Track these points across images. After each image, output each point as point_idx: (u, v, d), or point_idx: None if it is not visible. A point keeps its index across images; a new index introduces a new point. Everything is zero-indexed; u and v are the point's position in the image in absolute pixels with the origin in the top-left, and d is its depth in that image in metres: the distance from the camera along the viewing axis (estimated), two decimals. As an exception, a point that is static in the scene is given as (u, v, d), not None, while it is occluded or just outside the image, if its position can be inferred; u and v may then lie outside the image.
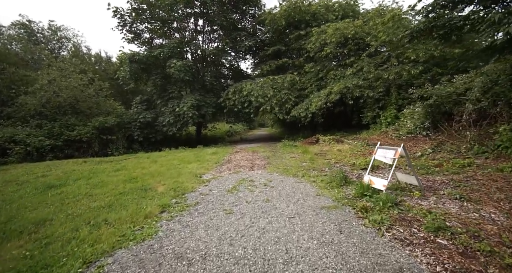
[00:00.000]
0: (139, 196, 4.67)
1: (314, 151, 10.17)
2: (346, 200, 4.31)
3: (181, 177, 6.16)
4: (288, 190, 4.92)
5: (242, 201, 4.31)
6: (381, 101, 12.19)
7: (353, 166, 7.05)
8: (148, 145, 16.12)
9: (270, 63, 16.79)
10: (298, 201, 4.25)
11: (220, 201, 4.33)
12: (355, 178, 5.85)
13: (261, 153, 10.13)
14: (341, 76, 13.65)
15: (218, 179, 6.00)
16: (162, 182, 5.68)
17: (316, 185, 5.35)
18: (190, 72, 15.32)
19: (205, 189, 5.15)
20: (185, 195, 4.69)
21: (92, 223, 3.41)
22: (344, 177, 5.47)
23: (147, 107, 17.08)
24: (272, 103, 14.45)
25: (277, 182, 5.55)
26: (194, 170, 6.89)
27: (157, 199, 4.40)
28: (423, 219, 3.30)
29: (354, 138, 12.09)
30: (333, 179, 5.51)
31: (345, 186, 5.19)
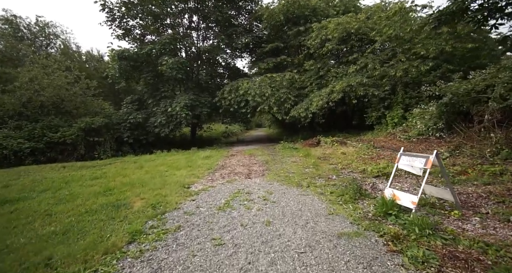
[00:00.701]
0: (108, 216, 3.71)
1: (317, 154, 9.27)
2: (367, 221, 3.41)
3: (165, 188, 5.21)
4: (293, 207, 4.00)
5: (236, 224, 3.38)
6: (387, 100, 11.34)
7: (363, 173, 6.16)
8: (139, 147, 15.10)
9: (268, 60, 15.87)
10: (308, 224, 3.33)
11: (209, 224, 3.40)
12: (369, 188, 4.95)
13: (259, 157, 9.20)
14: (343, 74, 12.79)
15: (209, 190, 5.06)
16: (141, 195, 4.73)
17: (326, 198, 4.44)
18: (183, 70, 14.35)
19: (191, 205, 4.20)
20: (165, 215, 3.74)
21: (27, 264, 2.45)
22: (358, 188, 4.57)
23: (139, 107, 16.05)
24: (270, 102, 13.54)
25: (278, 195, 4.63)
26: (182, 179, 5.94)
27: (129, 222, 3.45)
28: (483, 257, 2.40)
29: (358, 140, 11.23)
30: (345, 190, 4.61)
31: (361, 200, 4.30)
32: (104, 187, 5.41)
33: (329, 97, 12.12)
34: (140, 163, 8.96)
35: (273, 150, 11.44)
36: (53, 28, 20.48)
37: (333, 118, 17.18)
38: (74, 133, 12.80)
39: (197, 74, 17.26)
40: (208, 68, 18.86)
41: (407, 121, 10.11)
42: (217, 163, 8.22)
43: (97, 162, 10.20)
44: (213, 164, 7.92)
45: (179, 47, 16.42)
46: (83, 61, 23.22)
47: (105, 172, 7.54)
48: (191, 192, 4.90)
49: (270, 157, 9.20)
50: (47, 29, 19.83)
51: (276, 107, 13.54)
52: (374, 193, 4.64)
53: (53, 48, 20.50)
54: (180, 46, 16.57)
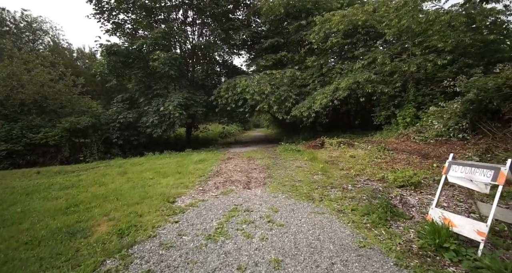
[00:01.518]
0: (52, 251, 2.65)
1: (323, 157, 8.25)
2: (417, 260, 2.38)
3: (144, 203, 4.15)
4: (308, 234, 2.96)
5: (231, 265, 2.34)
6: (397, 99, 10.36)
7: (383, 182, 5.16)
8: (129, 148, 13.98)
9: (267, 57, 14.85)
10: (334, 266, 2.30)
11: (192, 266, 2.35)
12: (399, 203, 3.94)
13: (258, 161, 8.16)
14: (348, 70, 11.80)
15: (199, 206, 4.01)
16: (111, 214, 3.67)
17: (347, 218, 3.42)
18: (176, 66, 13.27)
19: (172, 230, 3.15)
20: (133, 249, 2.68)
21: None
22: (387, 205, 3.55)
23: (130, 106, 14.92)
24: (270, 101, 12.50)
25: (286, 214, 3.60)
26: (167, 190, 4.88)
27: (76, 262, 2.39)
28: None
29: (366, 141, 10.23)
30: (370, 208, 3.59)
31: (393, 221, 3.28)
32: (69, 202, 4.34)
33: (334, 95, 11.13)
34: (125, 168, 7.88)
35: (273, 152, 10.40)
36: (42, 24, 19.29)
37: (335, 118, 16.22)
38: (57, 134, 11.67)
39: (192, 72, 16.20)
40: (204, 66, 17.79)
41: (421, 121, 9.13)
42: (212, 168, 7.15)
43: (78, 167, 9.08)
44: (207, 170, 6.86)
45: (172, 42, 15.32)
46: (73, 59, 22.02)
47: (81, 179, 6.45)
48: (175, 209, 3.84)
49: (271, 160, 8.17)
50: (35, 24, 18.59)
51: (276, 106, 12.51)
52: (407, 211, 3.62)
53: (41, 45, 19.28)
54: (174, 41, 15.48)
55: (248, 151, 11.66)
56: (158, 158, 10.61)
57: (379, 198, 3.90)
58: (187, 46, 16.49)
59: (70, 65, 20.77)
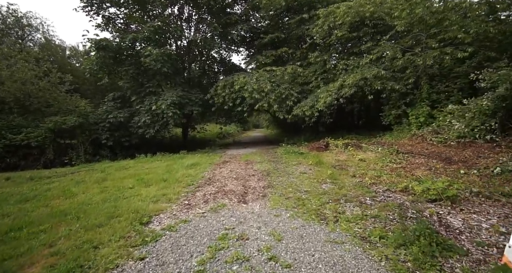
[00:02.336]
0: None
1: (329, 161, 7.30)
2: None
3: (109, 224, 3.19)
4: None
5: None
6: (409, 96, 9.42)
7: (407, 193, 4.22)
8: (120, 150, 13.01)
9: (267, 53, 13.89)
10: None
11: None
12: (439, 227, 2.98)
13: (257, 165, 7.20)
14: (354, 66, 10.84)
15: (178, 231, 3.05)
16: (58, 245, 2.71)
17: (377, 252, 2.47)
18: (169, 63, 12.30)
19: (132, 275, 2.19)
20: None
21: None
22: (432, 233, 2.59)
23: (122, 105, 13.96)
24: (270, 99, 11.54)
25: (294, 245, 2.64)
26: (144, 205, 3.92)
27: None
28: None
29: (375, 143, 9.29)
30: (406, 236, 2.64)
31: (443, 258, 2.33)
32: (15, 222, 3.38)
33: (339, 92, 10.19)
34: (107, 173, 6.91)
35: (274, 155, 9.44)
36: (32, 19, 18.30)
37: (338, 118, 15.27)
38: (40, 135, 10.70)
39: (188, 69, 15.23)
40: (201, 63, 16.81)
41: (437, 121, 8.19)
42: (204, 174, 6.19)
43: (56, 171, 8.11)
44: (198, 177, 5.89)
45: (167, 38, 14.36)
46: (66, 57, 21.05)
47: (51, 187, 5.48)
48: (146, 236, 2.88)
49: (271, 165, 7.20)
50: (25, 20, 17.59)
51: (276, 105, 11.55)
52: (457, 241, 2.67)
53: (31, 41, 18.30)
54: (169, 36, 14.51)
55: (246, 153, 10.70)
56: (148, 161, 9.65)
57: (413, 219, 2.95)
58: (183, 42, 15.54)
59: (62, 63, 19.83)
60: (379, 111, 12.62)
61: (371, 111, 15.07)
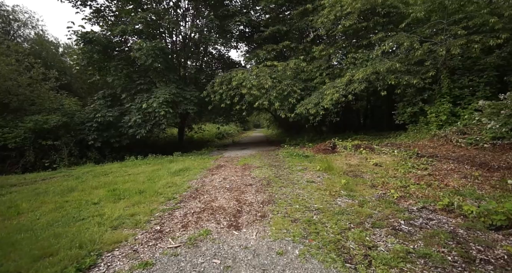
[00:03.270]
0: None
1: (340, 166, 6.22)
2: None
3: None
4: None
5: None
6: (426, 92, 8.32)
7: (453, 214, 3.12)
8: (110, 152, 11.97)
9: (267, 47, 12.80)
10: None
11: None
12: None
13: (256, 171, 6.12)
14: (363, 60, 9.75)
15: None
16: None
17: None
18: (162, 58, 11.23)
19: None
20: None
21: None
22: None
23: (112, 103, 12.91)
24: (270, 96, 10.46)
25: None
26: (100, 232, 2.86)
27: None
28: None
29: (389, 145, 8.19)
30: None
31: None
32: None
33: (347, 88, 9.10)
34: (81, 181, 5.86)
35: (275, 158, 8.37)
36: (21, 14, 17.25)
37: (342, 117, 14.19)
38: (19, 136, 9.67)
39: (183, 65, 14.15)
40: (198, 59, 15.74)
41: (462, 119, 7.09)
42: (191, 183, 5.11)
43: (24, 178, 7.04)
44: (183, 187, 4.81)
45: (160, 31, 13.29)
46: (59, 54, 20.04)
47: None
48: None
49: (272, 171, 6.12)
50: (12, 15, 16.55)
51: (278, 102, 10.46)
52: None
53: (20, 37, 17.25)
54: (163, 30, 13.45)
55: (244, 155, 9.63)
56: (136, 164, 8.59)
57: (485, 263, 1.87)
58: (178, 37, 14.50)
59: (54, 60, 18.81)
60: (390, 108, 11.53)
61: (378, 109, 13.99)
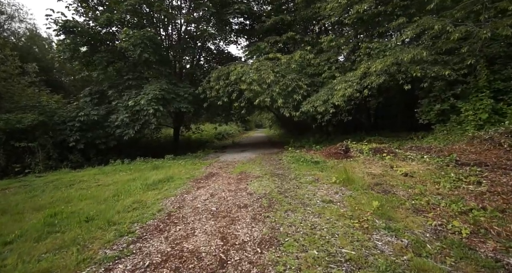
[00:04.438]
0: None
1: (360, 176, 4.85)
2: None
3: None
4: None
5: None
6: (459, 86, 6.89)
7: None
8: (96, 154, 10.67)
9: (270, 39, 11.43)
10: None
11: None
12: None
13: (254, 183, 4.76)
14: (380, 50, 8.33)
15: None
16: None
17: None
18: (152, 49, 9.92)
19: None
20: None
21: None
22: None
23: (99, 101, 11.62)
24: (273, 93, 9.09)
25: None
26: None
27: None
28: None
29: (413, 148, 6.77)
30: None
31: None
32: None
33: (363, 82, 7.71)
34: (30, 196, 4.55)
35: (278, 164, 7.00)
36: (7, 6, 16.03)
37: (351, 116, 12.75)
38: (-12, 136, 8.42)
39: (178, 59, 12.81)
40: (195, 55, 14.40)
41: (510, 118, 5.67)
42: (164, 204, 3.75)
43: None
44: (151, 211, 3.45)
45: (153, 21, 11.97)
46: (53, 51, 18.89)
47: None
48: None
49: (275, 183, 4.75)
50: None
51: (281, 99, 9.08)
52: None
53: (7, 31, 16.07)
54: (156, 22, 12.14)
55: (243, 160, 8.28)
56: (115, 171, 7.29)
57: None
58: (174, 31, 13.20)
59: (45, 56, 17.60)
60: (406, 106, 10.15)
61: (391, 107, 12.54)
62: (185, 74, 13.69)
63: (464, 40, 6.66)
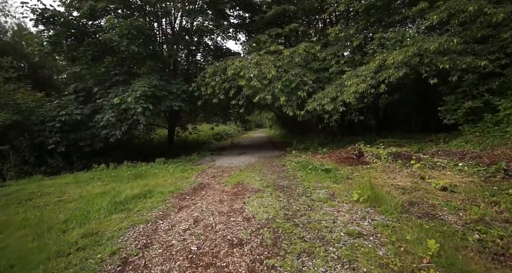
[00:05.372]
0: None
1: (386, 190, 3.75)
2: None
3: None
4: None
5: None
6: (495, 79, 5.79)
7: None
8: (80, 157, 9.60)
9: (271, 31, 10.31)
10: None
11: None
12: None
13: (254, 202, 3.68)
14: (397, 40, 7.21)
15: None
16: None
17: None
18: (141, 40, 8.82)
19: None
20: None
21: None
22: None
23: (85, 99, 10.52)
24: (275, 89, 7.99)
25: None
26: None
27: None
28: None
29: (440, 153, 5.68)
30: None
31: None
32: None
33: (378, 76, 6.61)
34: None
35: (282, 171, 5.91)
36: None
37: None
38: (-47, 139, 7.33)
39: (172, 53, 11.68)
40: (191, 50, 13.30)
41: None
42: (125, 240, 2.64)
43: None
44: (99, 256, 2.34)
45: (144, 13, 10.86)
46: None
47: None
48: None
49: (280, 201, 3.66)
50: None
51: (284, 97, 7.96)
52: None
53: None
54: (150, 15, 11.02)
55: (241, 165, 7.18)
56: (93, 178, 6.21)
57: None
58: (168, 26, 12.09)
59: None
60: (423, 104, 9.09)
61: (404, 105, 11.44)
62: (180, 71, 12.60)
63: (504, 26, 5.56)
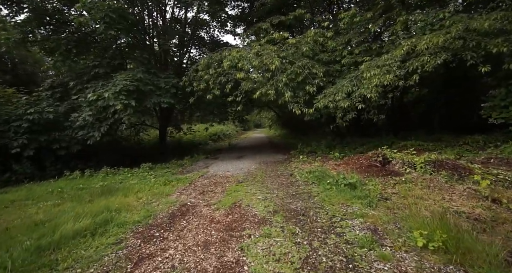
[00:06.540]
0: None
1: (455, 222, 2.39)
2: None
3: None
4: None
5: None
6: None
7: None
8: (54, 162, 8.18)
9: (273, 19, 8.94)
10: None
11: None
12: None
13: (257, 242, 2.36)
14: (426, 24, 5.88)
15: None
16: None
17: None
18: (121, 25, 7.42)
19: None
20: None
21: None
22: None
23: (62, 95, 9.12)
24: (279, 83, 6.63)
25: None
26: None
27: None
28: None
29: (494, 162, 4.37)
30: None
31: None
32: None
33: (407, 65, 5.30)
34: None
35: (291, 184, 4.57)
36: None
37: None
38: None
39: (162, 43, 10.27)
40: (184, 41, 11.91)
41: None
42: None
43: None
44: None
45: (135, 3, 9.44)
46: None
47: None
48: None
49: (297, 245, 2.32)
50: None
51: (289, 92, 6.59)
52: None
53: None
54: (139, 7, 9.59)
55: (239, 173, 5.83)
56: (51, 193, 4.88)
57: None
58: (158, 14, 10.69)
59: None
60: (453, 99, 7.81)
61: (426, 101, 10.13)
62: (172, 65, 11.21)
63: None
